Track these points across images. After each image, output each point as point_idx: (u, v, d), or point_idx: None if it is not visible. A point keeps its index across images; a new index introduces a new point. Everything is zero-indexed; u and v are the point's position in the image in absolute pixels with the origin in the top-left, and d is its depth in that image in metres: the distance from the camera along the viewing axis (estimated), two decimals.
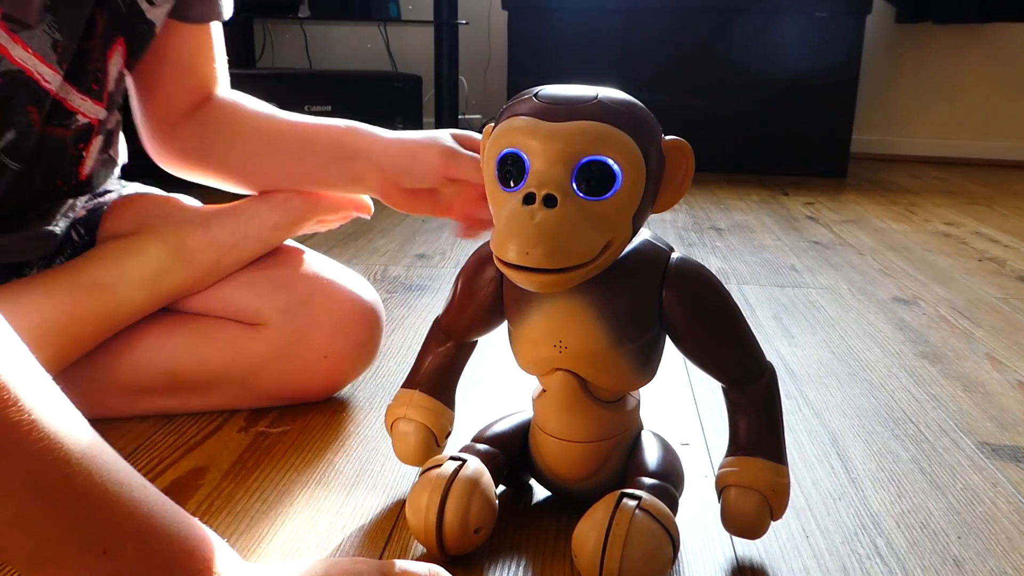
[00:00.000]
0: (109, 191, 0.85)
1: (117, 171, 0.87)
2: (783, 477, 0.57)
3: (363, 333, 0.80)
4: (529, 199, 0.48)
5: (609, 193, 0.49)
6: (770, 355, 1.04)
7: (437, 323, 0.65)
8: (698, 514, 0.65)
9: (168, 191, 0.85)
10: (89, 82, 0.72)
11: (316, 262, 0.83)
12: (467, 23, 2.47)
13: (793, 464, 0.74)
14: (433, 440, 0.64)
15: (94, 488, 0.39)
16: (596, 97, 0.50)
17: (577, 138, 0.48)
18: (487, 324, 0.62)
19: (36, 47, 0.65)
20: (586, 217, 0.48)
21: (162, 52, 0.80)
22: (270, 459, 0.72)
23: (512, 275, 0.49)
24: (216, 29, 0.84)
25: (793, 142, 2.57)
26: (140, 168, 0.93)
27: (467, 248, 1.53)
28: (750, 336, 0.58)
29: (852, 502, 0.68)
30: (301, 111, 0.87)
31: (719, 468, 0.59)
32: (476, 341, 0.66)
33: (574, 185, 0.48)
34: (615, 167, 0.48)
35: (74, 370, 0.73)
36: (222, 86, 0.86)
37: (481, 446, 0.63)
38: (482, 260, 0.60)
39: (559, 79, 2.14)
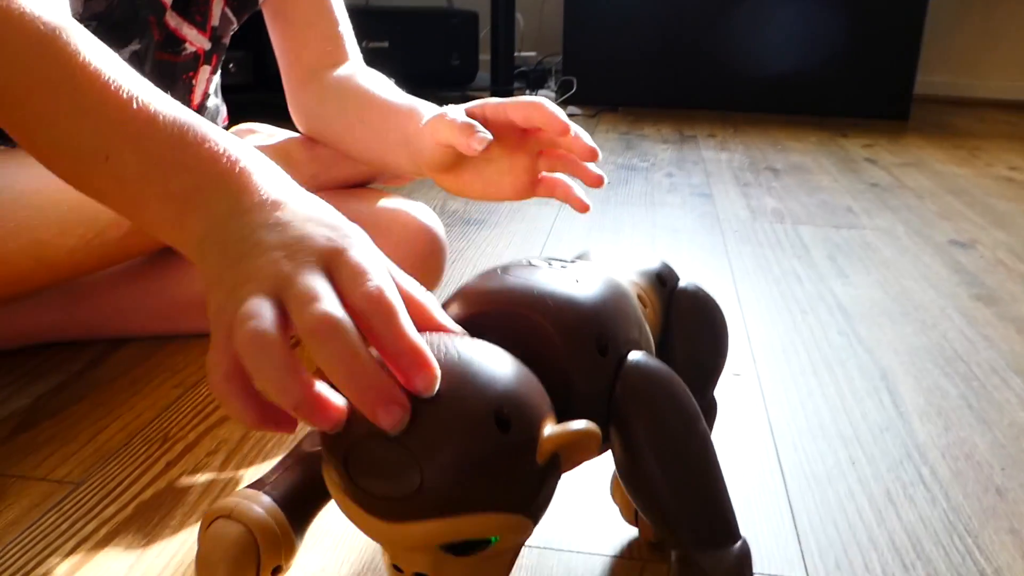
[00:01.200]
0: None
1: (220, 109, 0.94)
2: None
3: (426, 246, 0.85)
4: (399, 570, 0.37)
5: (488, 547, 0.37)
6: (823, 294, 1.06)
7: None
8: (749, 442, 0.68)
9: None
10: (194, 14, 0.80)
11: (387, 199, 0.87)
12: None
13: (842, 397, 0.76)
14: (254, 564, 0.44)
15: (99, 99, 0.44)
16: (422, 482, 0.34)
17: (423, 537, 0.35)
18: None
19: None
20: (472, 571, 0.37)
21: (284, 10, 0.86)
22: None
23: None
24: None
25: (854, 83, 2.52)
26: None
27: None
28: (722, 486, 0.43)
29: (899, 433, 0.70)
30: (359, 48, 0.89)
31: None
32: None
33: (443, 551, 0.36)
34: (486, 537, 0.36)
35: (164, 285, 0.79)
36: (353, 57, 0.88)
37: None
38: None
39: (616, 19, 2.10)
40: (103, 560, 0.51)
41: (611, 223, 1.33)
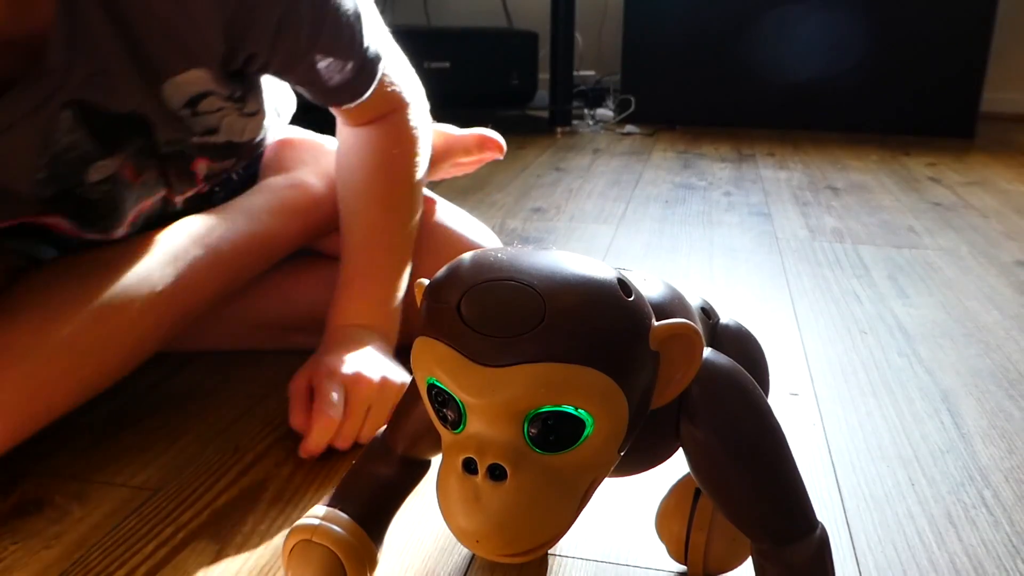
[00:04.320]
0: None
1: (267, 130, 0.91)
2: None
3: None
4: (470, 466, 0.36)
5: (578, 442, 0.36)
6: (883, 314, 1.05)
7: (382, 433, 0.50)
8: (807, 462, 0.69)
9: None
10: (184, 185, 0.77)
11: (446, 215, 0.88)
12: None
13: (902, 418, 0.76)
14: None
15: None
16: (543, 319, 0.34)
17: (521, 390, 0.34)
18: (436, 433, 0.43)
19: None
20: (550, 480, 0.36)
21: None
22: None
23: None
24: (373, 92, 0.78)
25: (917, 100, 2.48)
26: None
27: (583, 203, 1.57)
28: (797, 477, 0.42)
29: (960, 455, 0.70)
30: (420, 68, 0.89)
31: None
32: (428, 462, 0.50)
33: (527, 440, 0.35)
34: (582, 414, 0.35)
35: (236, 312, 0.81)
36: (414, 102, 0.85)
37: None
38: None
39: (675, 38, 2.11)
40: (180, 563, 0.54)
41: (668, 242, 1.33)
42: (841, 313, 1.03)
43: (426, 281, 0.39)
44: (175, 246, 0.71)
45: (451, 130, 0.97)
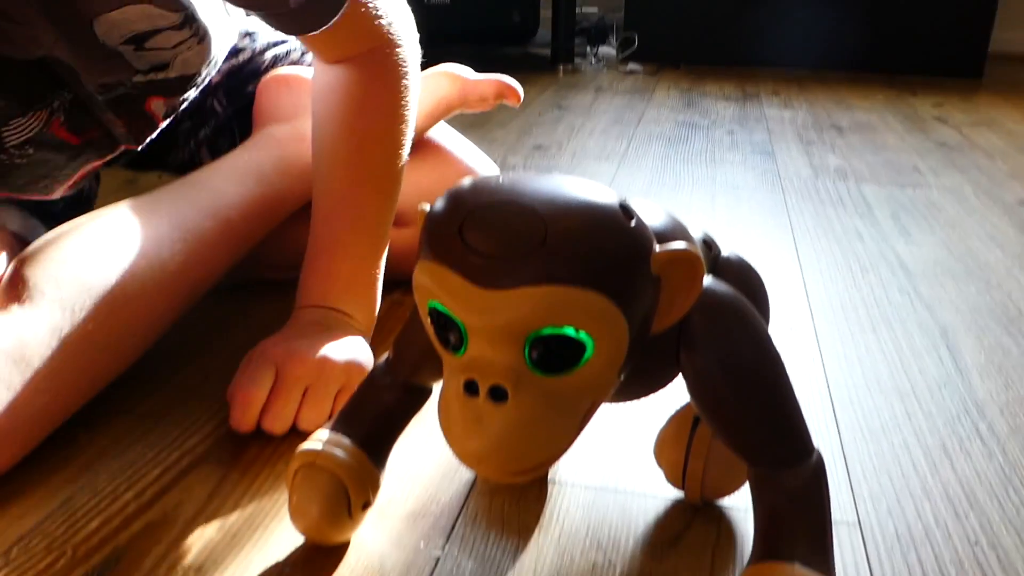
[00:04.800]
0: (240, 48, 0.85)
1: (231, 35, 0.82)
2: None
3: None
4: (472, 388, 0.36)
5: (578, 365, 0.36)
6: (884, 253, 1.05)
7: (385, 360, 0.51)
8: (805, 395, 0.69)
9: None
10: (143, 131, 0.74)
11: (450, 142, 0.87)
12: None
13: (900, 353, 0.76)
14: (345, 504, 0.48)
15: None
16: (544, 240, 0.34)
17: (523, 312, 0.34)
18: (438, 359, 0.46)
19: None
20: (550, 402, 0.36)
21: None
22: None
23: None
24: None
25: (925, 39, 2.44)
26: None
27: (585, 141, 1.56)
28: (795, 404, 0.43)
29: (957, 390, 0.70)
30: (420, 5, 0.87)
31: None
32: (430, 389, 0.51)
33: (528, 363, 0.36)
34: (582, 336, 0.35)
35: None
36: (403, 35, 0.71)
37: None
38: None
39: None
40: (187, 486, 0.55)
41: (671, 179, 1.33)
42: (843, 251, 1.02)
43: (427, 206, 0.39)
44: (184, 219, 0.67)
45: (467, 73, 0.90)
